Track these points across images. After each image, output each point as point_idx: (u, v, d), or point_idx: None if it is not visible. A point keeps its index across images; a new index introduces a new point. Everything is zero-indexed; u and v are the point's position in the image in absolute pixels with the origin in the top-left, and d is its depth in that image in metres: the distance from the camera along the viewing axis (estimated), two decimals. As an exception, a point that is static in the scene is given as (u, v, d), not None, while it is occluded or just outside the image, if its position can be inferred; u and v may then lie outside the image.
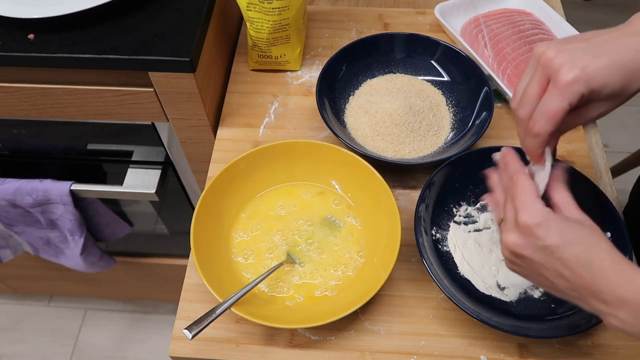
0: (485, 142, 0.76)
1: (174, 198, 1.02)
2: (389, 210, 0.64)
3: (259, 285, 0.63)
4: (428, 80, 0.82)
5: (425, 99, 0.79)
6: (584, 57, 0.44)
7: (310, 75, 0.86)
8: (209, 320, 0.56)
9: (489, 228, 0.68)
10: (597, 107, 0.47)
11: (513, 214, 0.48)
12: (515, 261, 0.49)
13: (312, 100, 0.81)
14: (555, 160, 0.52)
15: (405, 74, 0.83)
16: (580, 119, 0.48)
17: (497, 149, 0.69)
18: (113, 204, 1.06)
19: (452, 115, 0.79)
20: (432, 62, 0.82)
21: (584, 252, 0.44)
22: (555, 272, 0.46)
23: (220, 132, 0.80)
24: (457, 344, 0.62)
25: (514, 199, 0.48)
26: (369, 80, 0.82)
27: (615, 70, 0.44)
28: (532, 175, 0.51)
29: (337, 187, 0.71)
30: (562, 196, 0.49)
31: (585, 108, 0.47)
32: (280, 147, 0.70)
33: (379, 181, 0.66)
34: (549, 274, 0.46)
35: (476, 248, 0.66)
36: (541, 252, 0.46)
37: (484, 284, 0.63)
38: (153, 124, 0.82)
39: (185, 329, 0.55)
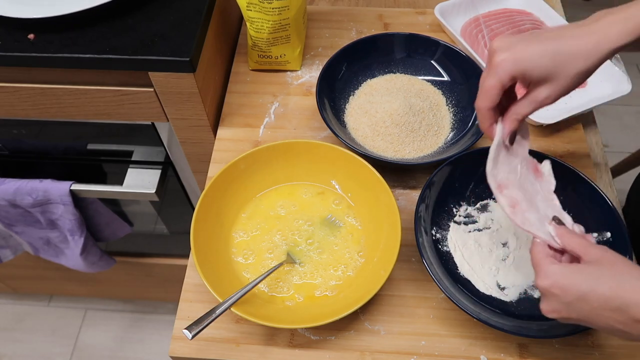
0: (485, 142, 0.76)
1: (174, 198, 1.02)
2: (389, 210, 0.64)
3: (259, 285, 0.63)
4: (428, 80, 0.82)
5: (425, 99, 0.79)
6: (519, 44, 0.49)
7: (310, 75, 0.86)
8: (209, 320, 0.56)
9: (489, 228, 0.68)
10: (541, 91, 0.51)
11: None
12: (563, 321, 0.49)
13: (312, 100, 0.81)
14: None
15: (405, 74, 0.83)
16: (532, 104, 0.52)
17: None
18: (113, 204, 1.06)
19: (452, 115, 0.79)
20: (432, 62, 0.82)
21: (609, 291, 0.45)
22: (599, 318, 0.46)
23: (220, 132, 0.80)
24: (457, 344, 0.62)
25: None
26: (369, 80, 0.82)
27: (546, 54, 0.49)
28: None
29: (337, 187, 0.71)
30: (573, 243, 0.51)
31: (531, 92, 0.52)
32: (280, 147, 0.70)
33: (379, 181, 0.66)
34: (597, 321, 0.46)
35: (476, 248, 0.66)
36: (572, 307, 0.47)
37: (484, 284, 0.63)
38: (153, 124, 0.82)
39: (185, 329, 0.55)
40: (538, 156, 0.68)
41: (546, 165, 0.60)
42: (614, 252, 0.48)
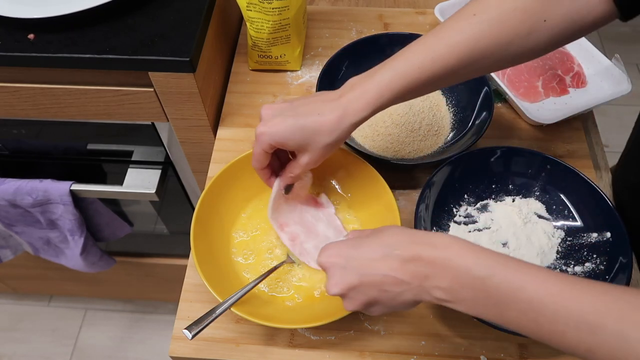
0: (485, 142, 0.76)
1: (174, 198, 1.02)
2: (389, 211, 0.64)
3: (259, 285, 0.63)
4: (428, 80, 0.82)
5: (425, 99, 0.79)
6: (276, 118, 0.56)
7: (310, 75, 0.86)
8: (209, 320, 0.56)
9: (489, 228, 0.68)
10: (302, 157, 0.58)
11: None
12: (356, 301, 0.49)
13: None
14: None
15: (405, 74, 0.83)
16: (299, 167, 0.59)
17: (497, 149, 0.69)
18: (113, 204, 1.06)
19: (452, 115, 0.79)
20: (432, 62, 0.82)
21: (374, 241, 0.49)
22: (373, 270, 0.47)
23: (220, 132, 0.80)
24: (457, 344, 0.62)
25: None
26: (369, 80, 0.82)
27: (296, 129, 0.55)
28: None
29: (337, 187, 0.71)
30: (354, 232, 0.56)
31: (297, 157, 0.59)
32: (280, 147, 0.70)
33: (379, 181, 0.66)
34: (373, 276, 0.47)
35: (476, 248, 0.66)
36: (348, 270, 0.48)
37: (484, 284, 0.63)
38: (153, 124, 0.82)
39: (185, 329, 0.55)
40: (538, 156, 0.68)
41: (323, 197, 0.70)
42: None
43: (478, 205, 0.69)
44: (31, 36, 0.69)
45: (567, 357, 0.60)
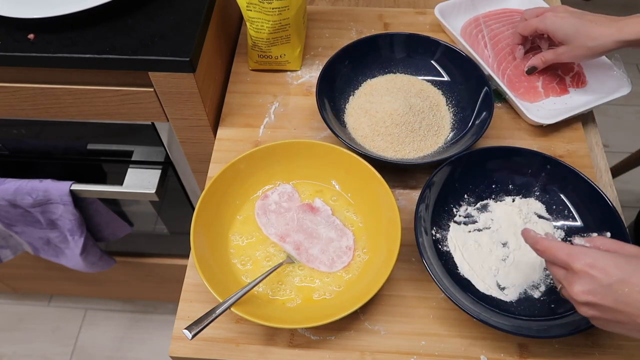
0: (485, 142, 0.76)
1: (174, 198, 1.02)
2: (389, 210, 0.64)
3: (259, 286, 0.63)
4: (428, 80, 0.82)
5: (425, 99, 0.79)
6: (566, 13, 0.74)
7: (310, 75, 0.86)
8: (209, 320, 0.56)
9: (489, 228, 0.68)
10: (561, 48, 0.75)
11: (563, 272, 0.50)
12: (595, 314, 0.48)
13: (312, 100, 0.81)
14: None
15: (405, 74, 0.83)
16: (553, 54, 0.77)
17: (497, 149, 0.69)
18: (113, 204, 1.06)
19: (452, 115, 0.79)
20: (432, 62, 0.82)
21: None
22: (636, 303, 0.45)
23: (220, 132, 0.80)
24: (457, 344, 0.62)
25: (555, 260, 0.51)
26: (369, 80, 0.82)
27: (573, 26, 0.72)
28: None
29: (337, 187, 0.71)
30: (608, 242, 0.51)
31: (557, 48, 0.76)
32: (280, 147, 0.70)
33: (379, 181, 0.66)
34: (632, 307, 0.45)
35: (476, 248, 0.66)
36: (610, 290, 0.46)
37: (484, 284, 0.63)
38: (153, 124, 0.82)
39: (185, 328, 0.55)
40: (538, 156, 0.68)
41: (317, 201, 0.70)
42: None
43: (478, 205, 0.69)
44: (31, 36, 0.69)
45: (567, 357, 0.60)
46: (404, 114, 0.75)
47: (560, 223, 0.67)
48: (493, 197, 0.70)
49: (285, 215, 0.68)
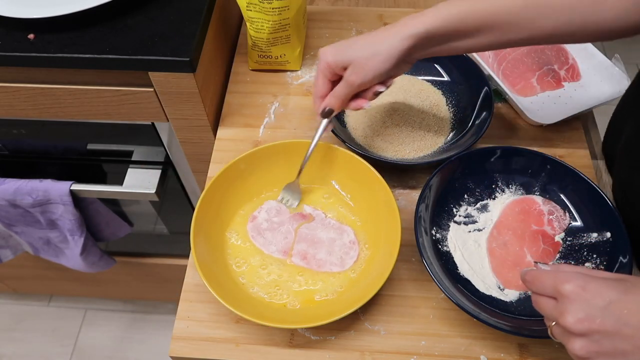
0: (485, 142, 0.76)
1: (174, 198, 1.02)
2: (389, 210, 0.64)
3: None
4: (428, 80, 0.82)
5: (425, 99, 0.79)
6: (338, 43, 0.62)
7: (310, 75, 0.86)
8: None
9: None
10: (352, 75, 0.60)
11: (552, 303, 0.46)
12: (592, 348, 0.43)
13: (311, 100, 0.81)
14: None
15: (405, 73, 0.82)
16: (347, 87, 0.62)
17: (497, 148, 0.69)
18: (113, 204, 1.06)
19: (452, 115, 0.79)
20: (432, 62, 0.82)
21: None
22: (635, 328, 0.41)
23: (220, 132, 0.80)
24: (457, 344, 0.62)
25: (543, 288, 0.47)
26: (369, 80, 0.82)
27: (353, 45, 0.60)
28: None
29: (337, 187, 0.71)
30: (576, 267, 0.48)
31: (346, 76, 0.61)
32: (280, 147, 0.70)
33: (379, 181, 0.66)
34: (634, 331, 0.41)
35: (476, 248, 0.66)
36: (608, 314, 0.42)
37: (484, 284, 0.63)
38: (153, 124, 0.82)
39: None
40: (538, 156, 0.68)
41: (305, 208, 0.70)
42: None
43: (478, 205, 0.69)
44: (31, 36, 0.69)
45: (567, 357, 0.60)
46: (404, 114, 0.75)
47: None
48: (493, 197, 0.70)
49: (280, 229, 0.68)
